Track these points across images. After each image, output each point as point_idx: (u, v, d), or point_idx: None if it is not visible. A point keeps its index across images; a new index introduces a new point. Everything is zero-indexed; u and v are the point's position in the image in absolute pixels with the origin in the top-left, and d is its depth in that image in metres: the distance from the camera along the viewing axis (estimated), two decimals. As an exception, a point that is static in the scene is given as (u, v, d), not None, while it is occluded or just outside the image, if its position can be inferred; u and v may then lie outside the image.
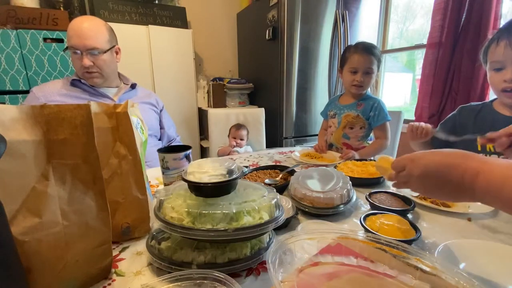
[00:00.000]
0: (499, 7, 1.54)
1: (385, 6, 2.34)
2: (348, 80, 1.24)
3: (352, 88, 1.24)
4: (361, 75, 1.19)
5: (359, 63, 1.18)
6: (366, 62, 1.18)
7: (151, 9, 2.10)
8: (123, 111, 0.52)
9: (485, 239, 0.55)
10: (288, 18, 1.84)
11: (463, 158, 0.41)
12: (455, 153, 0.43)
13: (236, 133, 1.76)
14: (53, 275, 0.38)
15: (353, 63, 1.20)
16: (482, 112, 0.94)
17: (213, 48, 2.65)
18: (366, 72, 1.19)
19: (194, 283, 0.37)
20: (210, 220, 0.43)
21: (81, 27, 1.02)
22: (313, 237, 0.43)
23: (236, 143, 1.73)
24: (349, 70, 1.22)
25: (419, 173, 0.44)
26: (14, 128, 0.34)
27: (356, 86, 1.21)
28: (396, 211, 0.60)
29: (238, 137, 1.76)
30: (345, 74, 1.26)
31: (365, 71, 1.19)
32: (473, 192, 0.39)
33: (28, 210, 0.35)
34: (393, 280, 0.38)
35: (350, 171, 0.87)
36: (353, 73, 1.21)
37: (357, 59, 1.19)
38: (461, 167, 0.40)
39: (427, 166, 0.43)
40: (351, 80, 1.22)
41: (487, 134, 0.59)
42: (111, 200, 0.49)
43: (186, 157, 0.75)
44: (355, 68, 1.20)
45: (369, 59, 1.18)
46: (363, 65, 1.18)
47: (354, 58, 1.20)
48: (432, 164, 0.43)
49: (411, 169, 0.46)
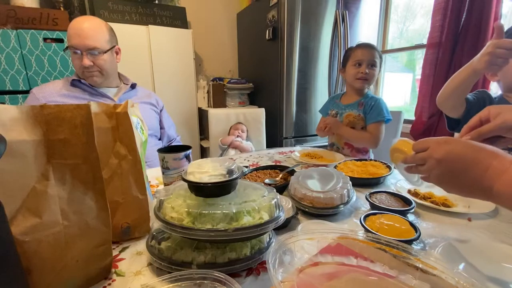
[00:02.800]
0: (499, 7, 1.54)
1: (385, 6, 2.34)
2: (352, 73, 1.24)
3: (357, 82, 1.23)
4: (365, 67, 1.20)
5: (364, 55, 1.20)
6: (370, 55, 1.19)
7: (151, 9, 2.10)
8: (123, 111, 0.52)
9: (485, 239, 0.55)
10: (288, 18, 1.84)
11: (491, 157, 0.40)
12: (485, 151, 0.41)
13: (236, 126, 1.91)
14: (53, 275, 0.38)
15: (357, 56, 1.21)
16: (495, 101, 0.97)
17: (213, 48, 2.64)
18: (371, 65, 1.20)
19: (194, 283, 0.37)
20: (210, 220, 0.43)
21: (81, 27, 1.02)
22: (313, 237, 0.43)
23: (238, 134, 1.87)
24: (353, 64, 1.23)
25: (440, 157, 0.43)
26: (14, 128, 0.34)
27: (361, 79, 1.21)
28: (396, 211, 0.60)
29: (239, 129, 1.90)
30: (348, 69, 1.26)
31: (369, 63, 1.20)
32: (490, 191, 0.38)
33: (28, 210, 0.35)
34: (393, 280, 0.38)
35: (350, 171, 0.88)
36: (358, 65, 1.21)
37: (361, 53, 1.21)
38: (484, 164, 0.39)
39: (451, 152, 0.42)
40: (355, 73, 1.22)
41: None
42: (111, 200, 0.49)
43: (186, 157, 0.75)
44: (360, 60, 1.21)
45: (373, 52, 1.20)
46: (367, 57, 1.19)
47: (358, 52, 1.21)
48: (457, 152, 0.42)
49: (434, 150, 0.45)
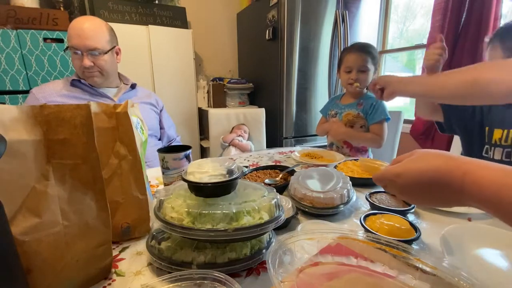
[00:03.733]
0: (499, 7, 1.54)
1: (385, 6, 2.34)
2: (344, 79, 1.27)
3: (349, 87, 1.26)
4: (355, 74, 1.21)
5: (353, 62, 1.21)
6: (359, 61, 1.20)
7: (151, 9, 2.10)
8: (123, 111, 0.51)
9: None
10: (288, 18, 1.84)
11: (452, 159, 0.37)
12: (440, 156, 0.38)
13: (239, 126, 1.91)
14: (53, 275, 0.38)
15: (348, 62, 1.23)
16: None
17: (213, 48, 2.64)
18: (361, 70, 1.21)
19: (194, 283, 0.37)
20: (210, 220, 0.43)
21: (82, 27, 1.02)
22: (313, 237, 0.43)
23: (240, 134, 1.88)
24: (344, 70, 1.25)
25: (409, 189, 0.40)
26: (14, 128, 0.34)
27: (352, 84, 1.23)
28: (396, 211, 0.60)
29: (242, 129, 1.91)
30: (341, 75, 1.29)
31: (359, 69, 1.21)
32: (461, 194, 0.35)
33: (28, 210, 0.35)
34: (393, 280, 0.38)
35: (350, 171, 0.88)
36: (348, 72, 1.24)
37: (351, 58, 1.22)
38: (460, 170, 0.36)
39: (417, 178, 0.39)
40: (346, 79, 1.25)
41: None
42: (111, 200, 0.49)
43: (186, 157, 0.75)
44: (349, 67, 1.23)
45: (363, 57, 1.20)
46: (357, 63, 1.20)
47: (349, 58, 1.23)
48: (423, 173, 0.38)
49: (397, 186, 0.42)
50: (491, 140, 0.88)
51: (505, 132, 0.84)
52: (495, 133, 0.87)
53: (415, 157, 0.41)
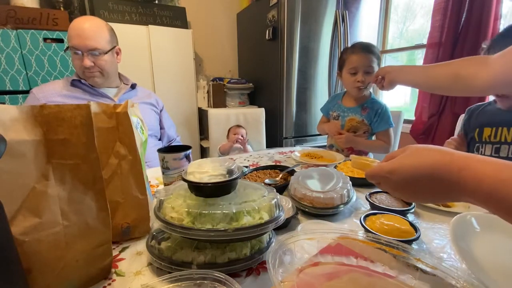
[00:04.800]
0: (499, 7, 1.54)
1: (385, 6, 2.34)
2: (349, 82, 1.21)
3: (354, 91, 1.21)
4: (362, 75, 1.16)
5: (358, 63, 1.15)
6: (365, 61, 1.15)
7: (151, 9, 2.10)
8: (123, 111, 0.51)
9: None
10: (288, 18, 1.84)
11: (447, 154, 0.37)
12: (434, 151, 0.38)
13: (235, 130, 1.72)
14: (53, 275, 0.38)
15: (352, 63, 1.17)
16: (486, 106, 0.99)
17: (213, 48, 2.64)
18: (367, 72, 1.16)
19: (194, 283, 0.37)
20: (210, 220, 0.43)
21: (82, 27, 1.02)
22: (313, 237, 0.43)
23: (238, 140, 1.65)
24: (348, 71, 1.19)
25: (403, 185, 0.40)
26: (14, 128, 0.34)
27: (358, 88, 1.18)
28: (396, 211, 0.60)
29: (239, 133, 1.69)
30: (344, 76, 1.22)
31: (365, 70, 1.16)
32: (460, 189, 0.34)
33: (28, 210, 0.35)
34: (393, 280, 0.38)
35: (350, 171, 0.87)
36: (353, 74, 1.18)
37: (355, 59, 1.16)
38: (456, 165, 0.35)
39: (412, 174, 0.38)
40: (352, 81, 1.19)
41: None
42: (111, 200, 0.49)
43: (186, 157, 0.75)
44: (355, 69, 1.17)
45: (369, 58, 1.15)
46: (363, 64, 1.15)
47: (353, 59, 1.17)
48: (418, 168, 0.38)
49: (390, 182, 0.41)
50: (482, 138, 0.93)
51: (493, 129, 0.90)
52: (484, 131, 0.93)
53: (409, 152, 0.40)
